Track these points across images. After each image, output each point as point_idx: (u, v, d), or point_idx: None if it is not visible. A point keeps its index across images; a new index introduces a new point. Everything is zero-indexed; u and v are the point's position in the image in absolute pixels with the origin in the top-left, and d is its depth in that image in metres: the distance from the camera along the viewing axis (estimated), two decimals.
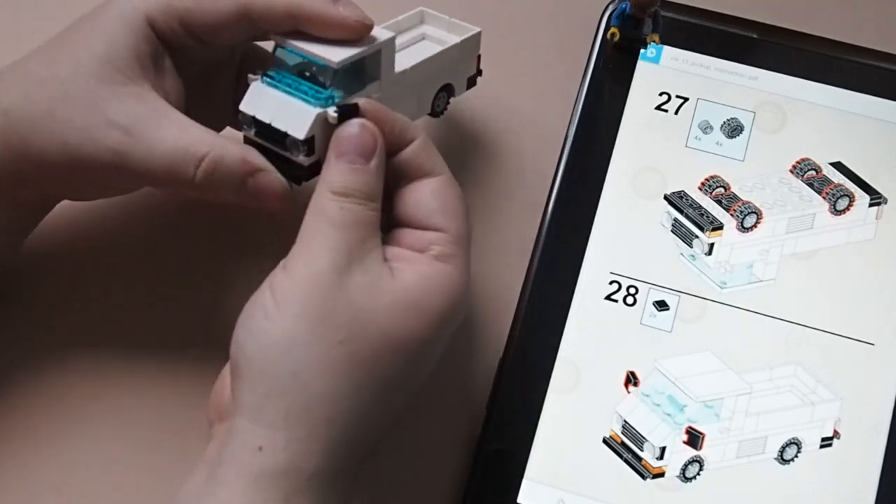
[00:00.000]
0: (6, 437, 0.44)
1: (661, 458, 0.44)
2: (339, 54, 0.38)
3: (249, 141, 0.39)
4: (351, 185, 0.36)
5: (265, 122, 0.38)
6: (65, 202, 0.43)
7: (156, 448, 0.44)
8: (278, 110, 0.38)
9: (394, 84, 0.41)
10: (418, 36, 0.45)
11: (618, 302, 0.45)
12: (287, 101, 0.38)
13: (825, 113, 0.48)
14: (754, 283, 0.46)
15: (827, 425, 0.44)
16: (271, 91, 0.38)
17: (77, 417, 0.45)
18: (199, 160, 0.38)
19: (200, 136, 0.38)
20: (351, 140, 0.37)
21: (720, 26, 0.49)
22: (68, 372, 0.45)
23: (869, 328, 0.45)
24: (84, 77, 0.38)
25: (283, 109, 0.38)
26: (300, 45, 0.38)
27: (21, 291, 0.46)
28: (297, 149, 0.38)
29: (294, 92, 0.38)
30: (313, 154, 0.38)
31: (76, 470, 0.44)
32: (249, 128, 0.39)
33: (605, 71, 0.49)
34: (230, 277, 0.47)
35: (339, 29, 0.38)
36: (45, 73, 0.38)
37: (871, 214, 0.46)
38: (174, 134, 0.38)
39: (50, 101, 0.38)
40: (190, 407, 0.44)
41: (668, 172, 0.47)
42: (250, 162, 0.38)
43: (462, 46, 0.45)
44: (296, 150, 0.38)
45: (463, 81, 0.46)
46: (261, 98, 0.38)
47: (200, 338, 0.46)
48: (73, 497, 0.44)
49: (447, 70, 0.45)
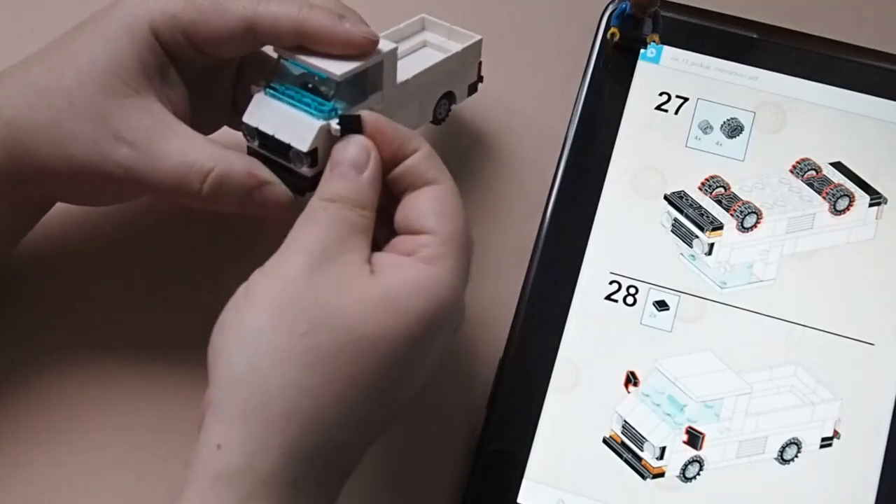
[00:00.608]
0: (5, 438, 0.44)
1: (661, 458, 0.44)
2: (341, 67, 0.38)
3: (253, 152, 0.39)
4: (339, 192, 0.36)
5: (269, 133, 0.38)
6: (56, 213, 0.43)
7: (155, 448, 0.44)
8: (282, 122, 0.38)
9: (396, 94, 0.41)
10: (419, 43, 0.45)
11: (618, 302, 0.45)
12: (290, 113, 0.38)
13: (825, 113, 0.48)
14: (754, 283, 0.46)
15: (827, 425, 0.44)
16: (274, 103, 0.38)
17: (76, 418, 0.45)
18: (205, 175, 0.38)
19: (206, 151, 0.38)
20: (345, 153, 0.37)
21: (720, 26, 0.49)
22: (67, 372, 0.45)
23: (869, 328, 0.45)
24: (89, 88, 0.38)
25: (287, 121, 0.38)
26: (304, 59, 0.38)
27: (20, 291, 0.46)
28: (300, 161, 0.38)
29: (297, 104, 0.38)
30: (316, 165, 0.38)
31: (75, 470, 0.44)
32: (253, 139, 0.39)
33: (605, 71, 0.49)
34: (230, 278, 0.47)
35: (344, 46, 0.38)
36: (47, 82, 0.38)
37: (871, 214, 0.46)
38: (180, 148, 0.38)
39: (54, 112, 0.38)
40: (190, 407, 0.44)
41: (668, 172, 0.47)
42: (256, 175, 0.39)
43: (463, 54, 0.45)
44: (299, 161, 0.38)
45: (464, 88, 0.46)
46: (264, 109, 0.39)
47: (200, 338, 0.45)
48: (72, 496, 0.44)
49: (448, 78, 0.45)
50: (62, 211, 0.44)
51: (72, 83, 0.38)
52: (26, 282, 0.46)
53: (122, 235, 0.48)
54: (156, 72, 0.39)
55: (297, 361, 0.33)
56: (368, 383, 0.34)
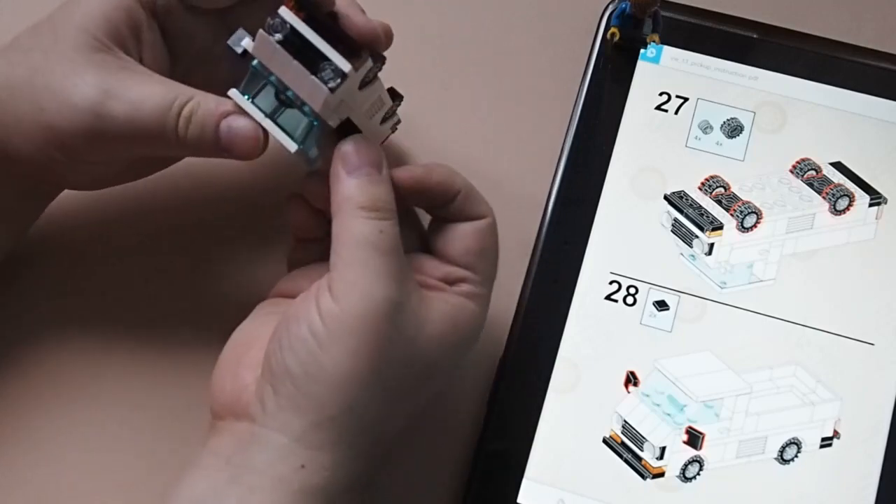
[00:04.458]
0: (3, 435, 0.45)
1: (661, 458, 0.44)
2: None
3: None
4: (376, 197, 0.36)
5: (304, 34, 0.35)
6: (64, 197, 0.43)
7: (157, 442, 0.44)
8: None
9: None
10: None
11: (618, 302, 0.45)
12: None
13: (825, 113, 0.48)
14: (754, 283, 0.46)
15: (827, 425, 0.44)
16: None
17: (75, 413, 0.45)
18: (182, 106, 0.38)
19: (183, 88, 0.38)
20: (358, 153, 0.37)
21: (720, 26, 0.49)
22: (65, 369, 0.45)
23: (869, 328, 0.45)
24: (61, 45, 0.38)
25: None
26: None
27: (20, 288, 0.46)
28: (334, 76, 0.35)
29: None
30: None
31: (72, 465, 0.44)
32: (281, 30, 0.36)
33: (605, 71, 0.49)
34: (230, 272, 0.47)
35: None
36: (29, 43, 0.39)
37: (870, 214, 0.46)
38: (158, 90, 0.38)
39: (30, 69, 0.38)
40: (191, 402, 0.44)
41: (668, 172, 0.47)
42: (224, 105, 0.38)
43: None
44: (332, 76, 0.36)
45: None
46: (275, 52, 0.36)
47: (207, 332, 0.46)
48: (73, 495, 0.44)
49: None
50: (63, 211, 0.44)
51: (49, 41, 0.38)
52: (25, 278, 0.46)
53: (122, 230, 0.48)
54: (129, 31, 0.39)
55: (387, 401, 0.36)
56: (422, 401, 0.39)
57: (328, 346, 0.34)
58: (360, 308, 0.35)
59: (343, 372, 0.34)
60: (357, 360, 0.34)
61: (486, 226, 0.39)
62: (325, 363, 0.34)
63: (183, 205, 0.48)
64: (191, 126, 0.38)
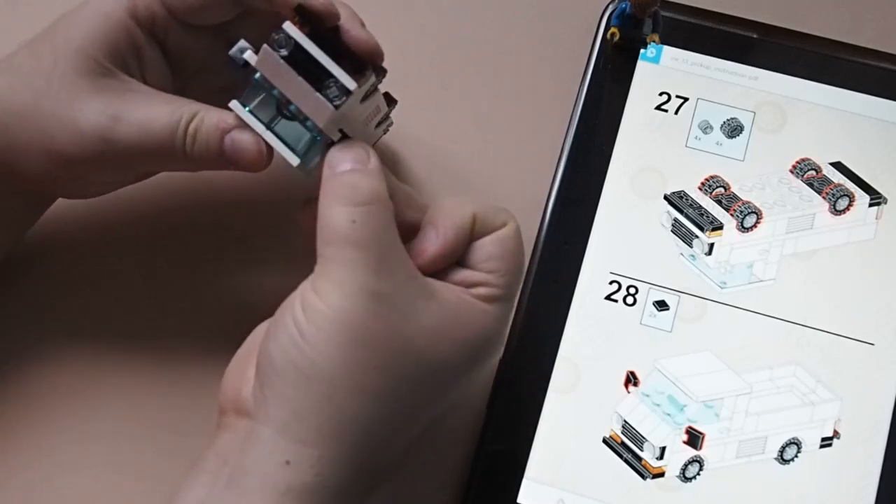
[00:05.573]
0: (4, 434, 0.45)
1: (661, 458, 0.44)
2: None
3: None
4: (349, 185, 0.36)
5: (309, 51, 0.35)
6: (61, 202, 0.43)
7: (156, 445, 0.44)
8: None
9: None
10: None
11: (618, 302, 0.45)
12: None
13: (825, 113, 0.48)
14: (754, 283, 0.46)
15: (827, 425, 0.44)
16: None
17: (75, 413, 0.45)
18: (189, 121, 0.38)
19: (189, 104, 0.38)
20: (343, 154, 0.37)
21: (720, 26, 0.49)
22: (66, 370, 0.45)
23: (869, 328, 0.45)
24: (62, 68, 0.38)
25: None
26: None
27: (20, 288, 0.46)
28: (338, 93, 0.36)
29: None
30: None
31: (72, 465, 0.44)
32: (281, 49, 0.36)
33: (605, 71, 0.49)
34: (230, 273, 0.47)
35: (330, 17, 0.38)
36: (29, 66, 0.39)
37: (870, 214, 0.46)
38: (166, 108, 0.38)
39: (34, 95, 0.38)
40: (191, 402, 0.44)
41: (668, 172, 0.47)
42: (226, 120, 0.38)
43: None
44: (336, 93, 0.36)
45: None
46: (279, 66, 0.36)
47: (201, 332, 0.46)
48: (73, 495, 0.44)
49: None
50: (62, 210, 0.44)
51: (49, 65, 0.38)
52: (25, 278, 0.46)
53: (122, 232, 0.48)
54: (131, 52, 0.39)
55: (372, 394, 0.34)
56: (428, 408, 0.37)
57: (308, 337, 0.34)
58: (334, 298, 0.34)
59: (322, 362, 0.34)
60: (334, 348, 0.34)
61: (507, 233, 0.38)
62: (306, 352, 0.34)
63: (183, 206, 0.48)
64: (196, 142, 0.38)
